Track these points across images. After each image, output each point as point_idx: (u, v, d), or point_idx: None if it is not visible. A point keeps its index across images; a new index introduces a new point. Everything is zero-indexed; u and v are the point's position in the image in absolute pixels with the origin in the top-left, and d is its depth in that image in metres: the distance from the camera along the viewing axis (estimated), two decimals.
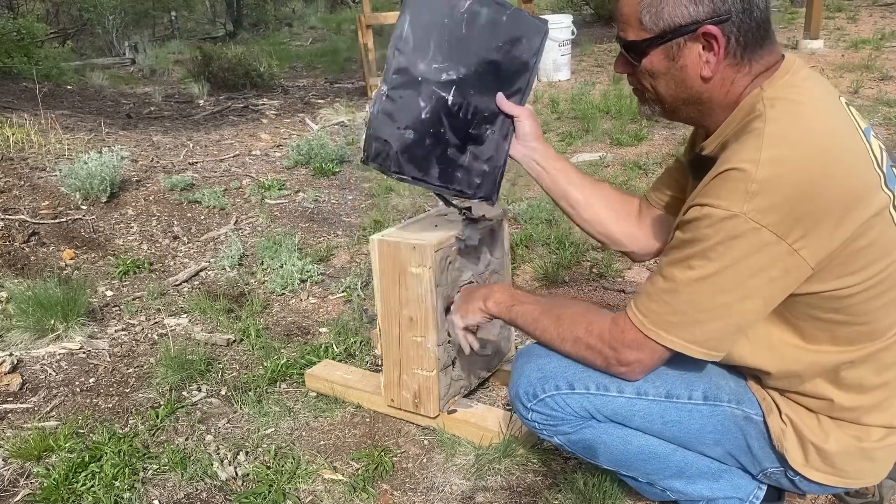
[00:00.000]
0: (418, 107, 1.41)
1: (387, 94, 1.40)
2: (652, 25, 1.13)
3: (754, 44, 1.12)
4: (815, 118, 1.08)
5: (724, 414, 1.29)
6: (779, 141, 1.04)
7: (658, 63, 1.16)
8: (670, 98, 1.20)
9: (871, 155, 1.11)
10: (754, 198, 1.01)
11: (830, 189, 1.03)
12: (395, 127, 1.41)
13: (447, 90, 1.42)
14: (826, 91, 1.17)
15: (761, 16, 1.12)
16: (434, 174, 1.45)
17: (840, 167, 1.05)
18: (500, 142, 1.51)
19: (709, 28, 1.09)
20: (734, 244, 1.03)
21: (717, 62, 1.12)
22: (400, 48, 1.39)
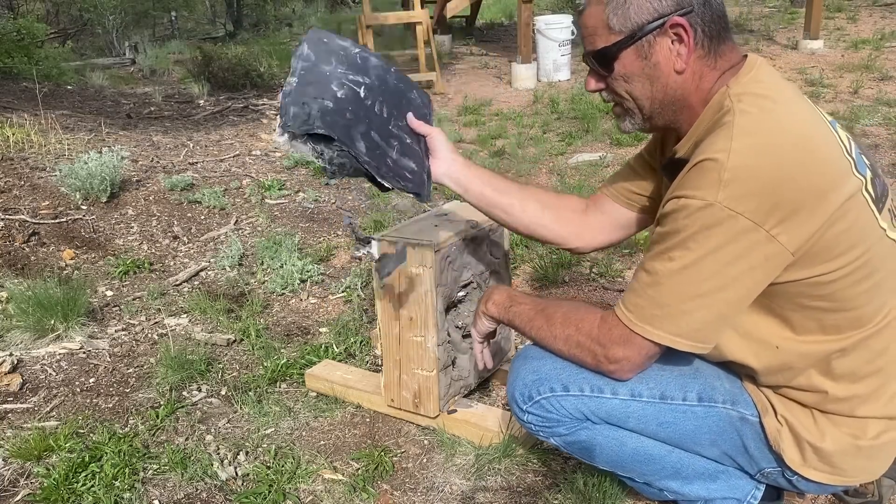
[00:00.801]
0: (332, 89, 1.36)
1: (297, 81, 1.34)
2: (621, 27, 1.16)
3: (717, 36, 1.16)
4: (783, 108, 1.11)
5: (720, 415, 1.29)
6: (749, 130, 1.06)
7: (631, 64, 1.18)
8: (647, 100, 1.21)
9: (840, 142, 1.13)
10: (728, 186, 1.03)
11: (804, 175, 1.05)
12: (313, 97, 1.33)
13: (357, 86, 1.40)
14: (790, 86, 1.19)
15: (719, 8, 1.16)
16: (360, 148, 1.35)
17: (812, 153, 1.07)
18: (424, 153, 1.49)
19: (676, 19, 1.12)
20: (711, 233, 1.05)
21: (689, 52, 1.15)
22: (304, 59, 1.37)
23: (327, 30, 1.47)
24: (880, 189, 1.16)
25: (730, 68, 1.18)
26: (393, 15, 7.68)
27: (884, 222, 1.15)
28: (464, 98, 6.38)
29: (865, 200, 1.11)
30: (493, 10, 13.32)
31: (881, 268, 1.14)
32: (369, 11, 6.88)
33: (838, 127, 1.18)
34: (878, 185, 1.16)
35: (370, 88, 1.43)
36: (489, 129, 5.19)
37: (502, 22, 12.08)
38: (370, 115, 1.41)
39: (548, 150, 4.61)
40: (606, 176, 3.84)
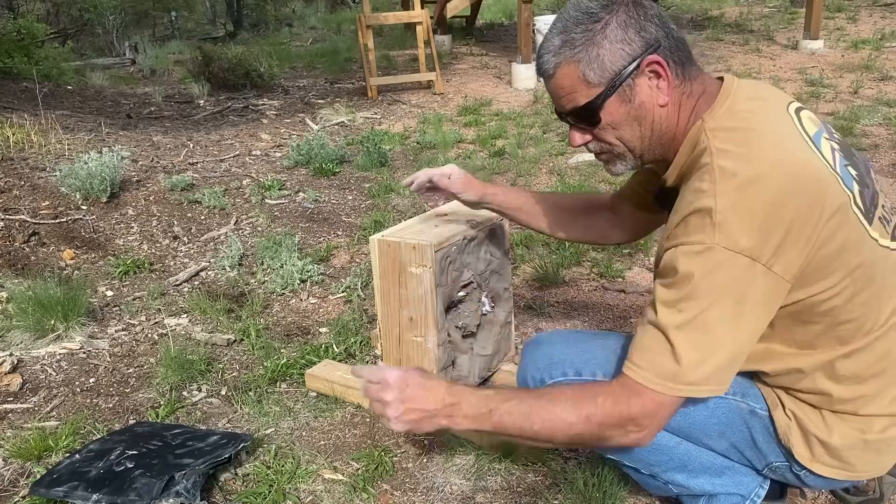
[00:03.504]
0: None
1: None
2: (599, 79, 1.17)
3: (685, 61, 1.19)
4: (759, 139, 1.10)
5: (729, 406, 1.29)
6: (729, 170, 1.07)
7: (617, 111, 1.20)
8: (638, 140, 1.23)
9: (822, 160, 1.12)
10: (722, 227, 1.04)
11: (790, 203, 1.05)
12: None
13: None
14: (770, 105, 1.18)
15: (679, 36, 1.19)
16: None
17: (794, 179, 1.06)
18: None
19: (650, 58, 1.15)
20: (715, 277, 1.06)
21: (669, 84, 1.17)
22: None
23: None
24: (869, 199, 1.16)
25: (703, 94, 1.20)
26: (393, 15, 7.68)
27: (875, 232, 1.15)
28: (464, 98, 6.38)
29: (855, 215, 1.11)
30: (493, 10, 13.32)
31: (877, 276, 1.15)
32: (369, 11, 6.88)
33: (824, 138, 1.17)
34: (867, 195, 1.16)
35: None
36: (489, 129, 5.19)
37: (502, 22, 12.08)
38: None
39: (548, 150, 4.61)
40: (606, 176, 3.84)
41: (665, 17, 1.20)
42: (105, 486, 1.58)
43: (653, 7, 1.18)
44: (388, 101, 6.44)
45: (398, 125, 5.54)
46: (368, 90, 6.60)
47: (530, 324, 2.43)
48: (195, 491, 1.60)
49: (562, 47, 1.18)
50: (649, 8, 1.18)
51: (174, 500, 1.57)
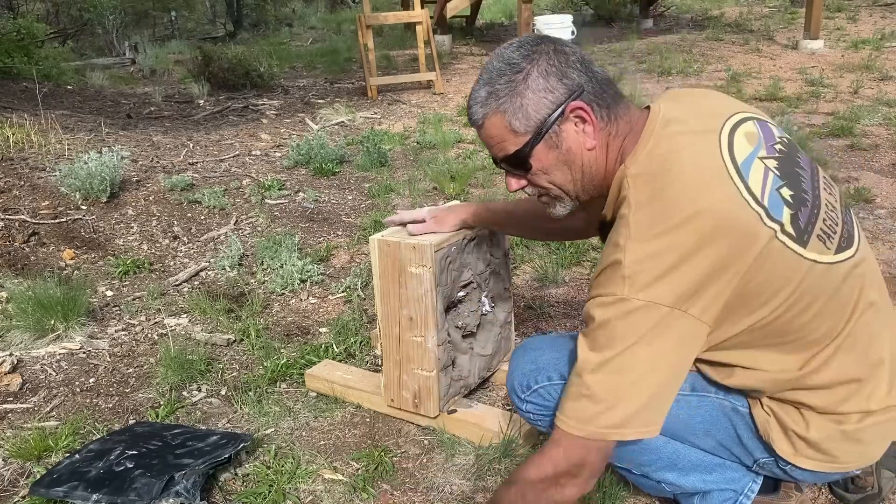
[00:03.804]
0: None
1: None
2: (525, 128, 1.20)
3: (610, 102, 1.21)
4: (674, 188, 1.10)
5: (713, 404, 1.30)
6: (642, 223, 1.10)
7: (546, 157, 1.23)
8: (570, 184, 1.26)
9: (745, 195, 1.11)
10: (631, 280, 1.08)
11: (703, 253, 1.07)
12: None
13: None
14: (695, 138, 1.17)
15: (603, 75, 1.22)
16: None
17: (709, 229, 1.07)
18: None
19: (573, 104, 1.18)
20: (627, 322, 1.08)
21: (595, 128, 1.20)
22: None
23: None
24: (805, 219, 1.15)
25: (629, 132, 1.22)
26: (393, 15, 7.68)
27: (812, 253, 1.14)
28: (464, 98, 6.38)
29: (783, 244, 1.11)
30: (493, 10, 13.32)
31: (821, 294, 1.15)
32: (369, 11, 6.88)
33: (756, 162, 1.15)
34: (803, 214, 1.15)
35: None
36: None
37: (502, 22, 12.08)
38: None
39: None
40: None
41: (588, 60, 1.22)
42: (105, 486, 1.58)
43: (575, 52, 1.21)
44: (388, 101, 6.44)
45: (398, 125, 5.54)
46: (368, 90, 6.59)
47: (530, 324, 2.43)
48: (195, 491, 1.60)
49: (487, 98, 1.21)
50: (571, 54, 1.20)
51: (174, 500, 1.57)
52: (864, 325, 1.20)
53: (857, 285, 1.20)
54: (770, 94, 5.61)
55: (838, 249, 1.18)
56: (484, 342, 1.95)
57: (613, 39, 9.15)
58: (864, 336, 1.21)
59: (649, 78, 6.73)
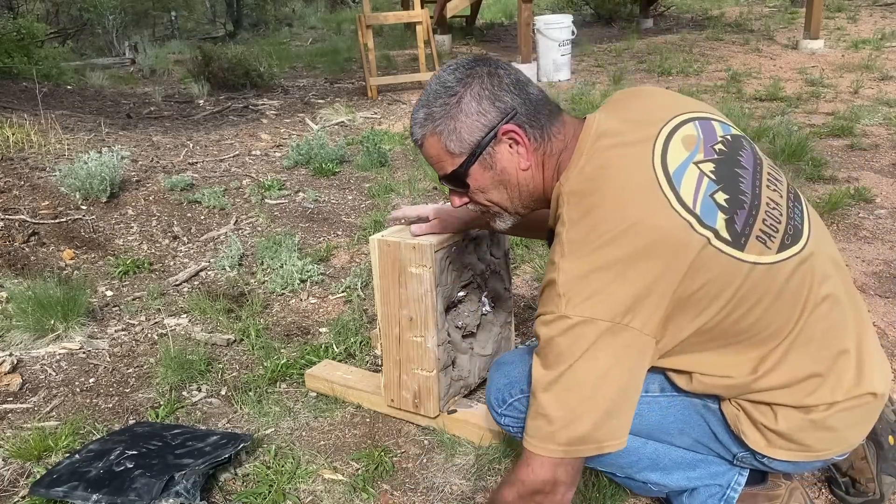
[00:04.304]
0: None
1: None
2: (460, 150, 1.25)
3: (545, 122, 1.25)
4: (604, 206, 1.13)
5: (683, 403, 1.31)
6: (575, 241, 1.12)
7: (482, 177, 1.27)
8: (508, 202, 1.31)
9: (676, 205, 1.12)
10: (567, 298, 1.10)
11: (634, 266, 1.08)
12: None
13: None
14: (628, 150, 1.18)
15: (538, 95, 1.26)
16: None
17: (639, 240, 1.09)
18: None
19: (505, 128, 1.22)
20: (570, 339, 1.10)
21: (528, 150, 1.24)
22: None
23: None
24: (742, 222, 1.15)
25: (564, 149, 1.25)
26: (393, 15, 7.68)
27: (750, 255, 1.14)
28: None
29: (717, 250, 1.11)
30: (493, 10, 13.32)
31: (765, 294, 1.16)
32: (369, 11, 6.88)
33: (690, 168, 1.16)
34: (740, 217, 1.15)
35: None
36: None
37: (502, 22, 12.08)
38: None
39: None
40: None
41: (523, 81, 1.25)
42: (105, 487, 1.58)
43: (510, 74, 1.25)
44: (388, 100, 6.44)
45: (398, 125, 5.54)
46: (368, 90, 6.59)
47: (530, 324, 2.43)
48: (195, 491, 1.60)
49: (425, 120, 1.26)
50: (504, 77, 1.24)
51: (174, 500, 1.57)
52: (819, 320, 1.20)
53: (806, 281, 1.19)
54: (770, 94, 5.61)
55: (781, 248, 1.17)
56: (484, 342, 1.95)
57: (613, 39, 9.15)
58: (820, 330, 1.20)
59: (649, 78, 6.73)
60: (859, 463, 1.49)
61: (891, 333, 2.20)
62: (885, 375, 1.27)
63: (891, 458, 1.46)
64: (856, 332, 1.25)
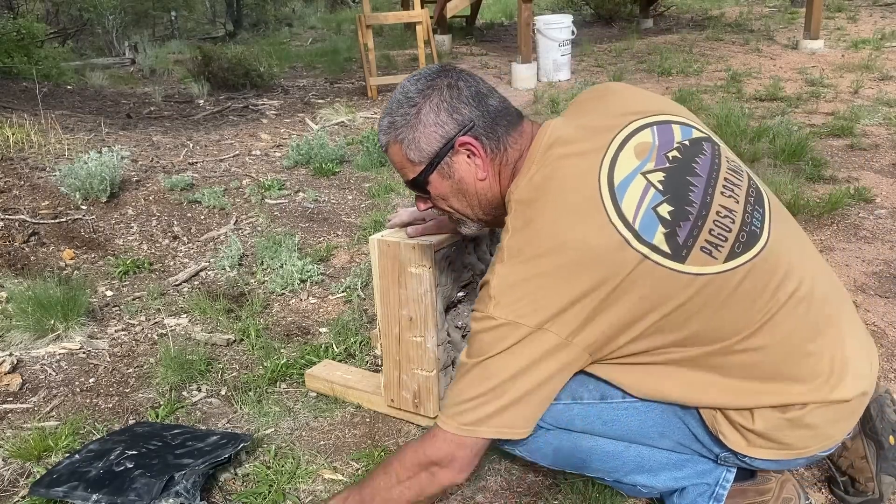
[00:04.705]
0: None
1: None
2: (420, 158, 1.30)
3: (501, 133, 1.29)
4: (544, 218, 1.17)
5: (661, 407, 1.31)
6: (513, 250, 1.18)
7: (441, 185, 1.33)
8: (468, 210, 1.36)
9: (615, 220, 1.14)
10: (496, 300, 1.17)
11: (563, 280, 1.13)
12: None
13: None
14: (576, 161, 1.20)
15: (496, 105, 1.30)
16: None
17: (568, 258, 1.13)
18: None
19: (461, 140, 1.27)
20: (492, 338, 1.18)
21: (484, 162, 1.28)
22: None
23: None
24: (686, 234, 1.15)
25: (519, 158, 1.28)
26: (393, 15, 7.68)
27: (692, 267, 1.15)
28: None
29: (654, 263, 1.13)
30: (493, 10, 13.32)
31: (709, 303, 1.16)
32: (369, 11, 6.88)
33: (637, 179, 1.17)
34: (683, 229, 1.15)
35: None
36: None
37: (502, 22, 12.08)
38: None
39: None
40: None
41: (484, 93, 1.29)
42: (105, 487, 1.58)
43: (470, 86, 1.29)
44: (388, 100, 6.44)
45: None
46: (368, 90, 6.59)
47: None
48: (195, 491, 1.60)
49: (389, 128, 1.32)
50: (464, 89, 1.28)
51: (174, 500, 1.57)
52: (782, 322, 1.19)
53: (761, 285, 1.18)
54: (770, 94, 5.61)
55: (730, 257, 1.17)
56: None
57: (613, 39, 9.15)
58: (784, 332, 1.19)
59: (649, 78, 6.73)
60: (859, 462, 1.48)
61: (891, 333, 2.20)
62: (865, 378, 1.26)
63: (891, 457, 1.46)
64: (832, 332, 1.24)
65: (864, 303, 2.40)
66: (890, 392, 1.52)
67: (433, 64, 1.39)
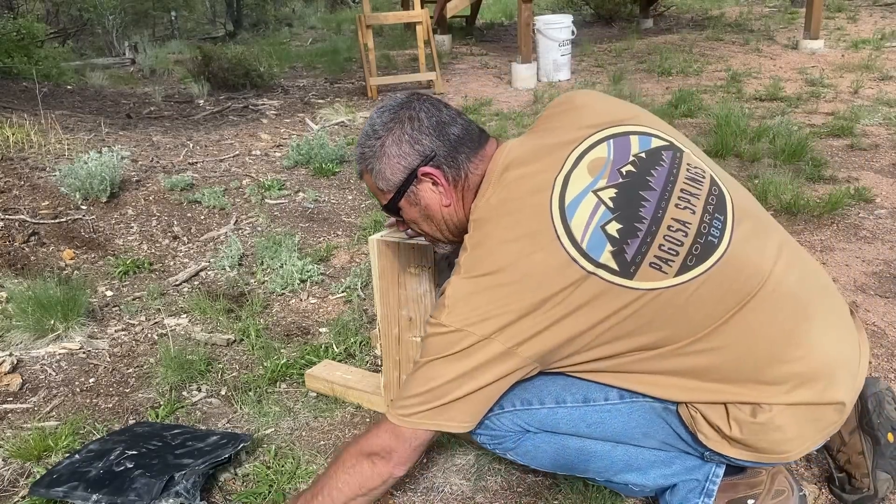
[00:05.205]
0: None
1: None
2: (387, 187, 1.37)
3: (462, 160, 1.34)
4: (492, 239, 1.22)
5: (644, 408, 1.32)
6: (465, 266, 1.23)
7: (410, 211, 1.40)
8: (438, 233, 1.42)
9: (563, 239, 1.18)
10: (449, 310, 1.22)
11: (510, 296, 1.18)
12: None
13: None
14: (527, 182, 1.24)
15: (458, 133, 1.34)
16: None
17: (515, 276, 1.18)
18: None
19: (423, 170, 1.32)
20: (441, 342, 1.23)
21: (447, 189, 1.34)
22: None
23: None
24: (633, 251, 1.17)
25: (481, 181, 1.33)
26: (393, 15, 7.68)
27: (640, 282, 1.17)
28: (464, 98, 6.38)
29: (601, 280, 1.16)
30: (493, 10, 13.32)
31: (658, 315, 1.18)
32: (369, 11, 6.88)
33: (588, 197, 1.20)
34: (632, 247, 1.17)
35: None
36: (489, 129, 5.19)
37: (502, 22, 12.08)
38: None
39: None
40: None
41: (445, 122, 1.34)
42: (105, 487, 1.58)
43: (431, 117, 1.34)
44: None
45: None
46: (368, 90, 6.60)
47: None
48: (195, 491, 1.60)
49: (360, 158, 1.39)
50: (425, 120, 1.33)
51: (174, 500, 1.57)
52: (743, 327, 1.20)
53: (717, 294, 1.19)
54: (770, 94, 5.61)
55: (681, 271, 1.18)
56: None
57: (613, 39, 9.15)
58: (743, 332, 1.20)
59: (649, 78, 6.73)
60: (856, 457, 1.49)
61: (891, 333, 2.20)
62: (844, 377, 1.26)
63: (888, 454, 1.46)
64: (802, 331, 1.23)
65: (864, 303, 2.40)
66: (892, 389, 1.52)
67: (399, 94, 1.44)
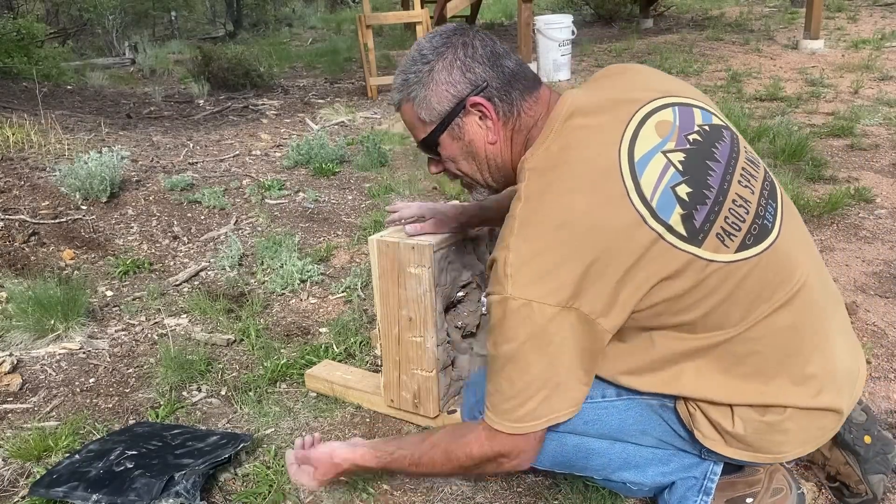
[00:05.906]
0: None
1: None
2: (430, 118, 1.26)
3: (516, 97, 1.24)
4: (559, 189, 1.13)
5: (640, 405, 1.30)
6: (526, 221, 1.13)
7: (451, 147, 1.29)
8: (477, 173, 1.32)
9: (632, 195, 1.11)
10: (512, 279, 1.10)
11: (577, 254, 1.09)
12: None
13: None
14: (596, 134, 1.16)
15: (513, 68, 1.24)
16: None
17: (582, 231, 1.09)
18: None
19: (473, 99, 1.22)
20: (516, 321, 1.11)
21: (495, 125, 1.24)
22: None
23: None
24: (703, 218, 1.13)
25: (533, 126, 1.24)
26: (393, 14, 7.68)
27: (707, 252, 1.13)
28: None
29: (670, 245, 1.11)
30: (493, 10, 13.32)
31: (715, 292, 1.14)
32: (369, 11, 6.88)
33: (657, 157, 1.14)
34: (700, 213, 1.13)
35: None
36: None
37: (502, 22, 12.08)
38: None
39: None
40: None
41: (500, 53, 1.24)
42: (105, 487, 1.58)
43: (486, 46, 1.24)
44: (388, 100, 6.44)
45: (398, 125, 5.54)
46: (368, 90, 6.59)
47: None
48: (195, 491, 1.60)
49: (402, 86, 1.28)
50: (480, 48, 1.23)
51: (174, 500, 1.57)
52: (773, 323, 1.18)
53: (763, 282, 1.16)
54: (770, 94, 5.61)
55: (741, 248, 1.15)
56: (483, 342, 1.95)
57: (613, 39, 9.15)
58: (773, 333, 1.19)
59: None
60: (844, 468, 1.48)
61: (891, 333, 2.20)
62: (848, 389, 1.26)
63: (871, 456, 1.45)
64: (822, 338, 1.23)
65: (864, 303, 2.40)
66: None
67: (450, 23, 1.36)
